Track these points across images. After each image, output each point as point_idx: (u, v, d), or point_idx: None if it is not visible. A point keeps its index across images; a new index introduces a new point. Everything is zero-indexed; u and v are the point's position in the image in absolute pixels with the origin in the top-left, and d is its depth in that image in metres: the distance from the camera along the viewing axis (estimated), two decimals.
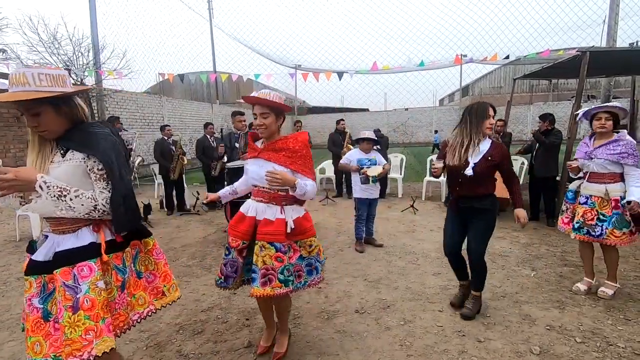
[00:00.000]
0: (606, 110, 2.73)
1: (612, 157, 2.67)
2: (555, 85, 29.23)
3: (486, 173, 2.40)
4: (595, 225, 2.76)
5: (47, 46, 8.70)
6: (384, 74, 12.02)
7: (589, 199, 2.82)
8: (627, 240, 2.70)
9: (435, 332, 2.44)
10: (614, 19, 7.34)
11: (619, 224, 2.68)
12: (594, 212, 2.78)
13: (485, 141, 2.45)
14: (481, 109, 2.43)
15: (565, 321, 2.52)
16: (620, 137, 2.71)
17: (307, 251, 2.04)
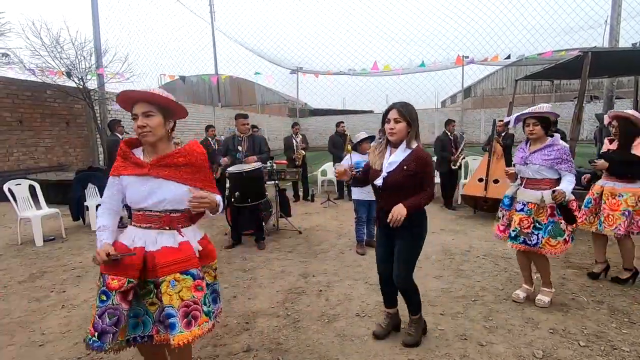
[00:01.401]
0: (533, 116, 2.63)
1: (546, 163, 2.59)
2: (558, 86, 29.14)
3: (401, 184, 2.09)
4: (531, 234, 2.64)
5: (50, 50, 8.75)
6: (385, 75, 12.01)
7: (525, 205, 2.69)
8: (561, 250, 2.61)
9: (436, 335, 2.41)
10: (616, 20, 7.31)
11: (555, 232, 2.59)
12: (530, 220, 2.66)
13: (402, 149, 2.14)
14: (384, 112, 2.17)
15: (568, 324, 2.49)
16: (554, 142, 2.62)
17: (211, 276, 1.78)
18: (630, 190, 3.02)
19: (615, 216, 3.01)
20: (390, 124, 2.12)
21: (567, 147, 2.62)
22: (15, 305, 3.04)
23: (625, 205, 2.99)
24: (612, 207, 3.04)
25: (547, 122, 2.63)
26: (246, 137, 4.60)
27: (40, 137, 9.12)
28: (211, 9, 17.74)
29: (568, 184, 2.54)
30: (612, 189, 3.09)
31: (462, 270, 3.53)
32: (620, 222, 2.98)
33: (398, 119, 2.09)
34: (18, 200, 4.91)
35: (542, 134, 2.64)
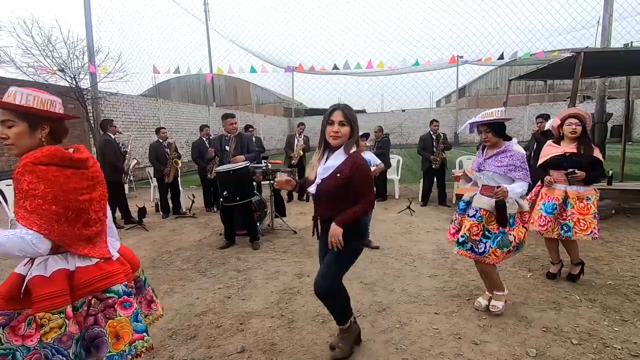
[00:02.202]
0: (483, 123, 2.54)
1: (499, 170, 2.48)
2: (551, 86, 29.41)
3: (334, 193, 1.96)
4: (479, 242, 2.54)
5: (42, 49, 8.64)
6: (380, 75, 12.03)
7: (478, 212, 2.57)
8: (502, 259, 2.55)
9: (431, 334, 2.42)
10: (608, 20, 7.38)
11: (503, 243, 2.49)
12: (480, 227, 2.55)
13: (339, 154, 1.98)
14: (327, 112, 1.98)
15: (561, 322, 2.51)
16: (507, 148, 2.50)
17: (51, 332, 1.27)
18: (592, 192, 3.02)
19: (587, 220, 2.96)
20: (334, 127, 1.94)
21: (523, 154, 2.49)
22: None
23: (594, 208, 2.98)
24: (582, 212, 2.98)
25: (499, 127, 2.53)
26: (234, 137, 4.59)
27: None
28: (205, 8, 17.65)
29: (517, 186, 2.41)
30: (577, 193, 3.02)
31: (456, 269, 3.54)
32: (595, 226, 2.96)
33: (343, 121, 1.93)
34: (9, 202, 4.85)
35: (495, 140, 2.54)
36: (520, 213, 2.55)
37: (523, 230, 2.56)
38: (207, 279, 3.49)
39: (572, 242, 3.10)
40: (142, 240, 4.88)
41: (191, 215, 6.28)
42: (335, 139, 1.95)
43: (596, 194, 3.05)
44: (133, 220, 5.66)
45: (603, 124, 7.10)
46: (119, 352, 1.35)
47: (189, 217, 6.20)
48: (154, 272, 3.70)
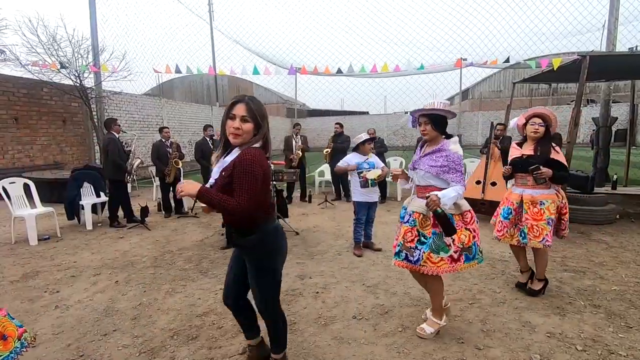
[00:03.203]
0: (425, 114, 2.28)
1: (432, 170, 2.25)
2: (555, 89, 29.30)
3: (224, 192, 1.63)
4: (414, 249, 2.28)
5: (47, 47, 8.69)
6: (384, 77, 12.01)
7: (411, 216, 2.34)
8: (448, 269, 2.23)
9: (433, 339, 2.39)
10: (613, 24, 7.34)
11: (436, 246, 2.22)
12: (415, 233, 2.30)
13: (235, 152, 1.69)
14: (226, 107, 1.71)
15: (565, 328, 2.48)
16: (443, 147, 2.26)
17: None
18: (548, 197, 2.83)
19: (540, 226, 2.79)
20: (235, 122, 1.64)
21: (459, 155, 2.26)
22: (8, 306, 2.99)
23: (548, 214, 2.79)
24: (535, 217, 2.82)
25: (441, 121, 2.28)
26: None
27: (36, 135, 9.05)
28: (210, 9, 17.70)
29: (451, 190, 2.17)
30: (531, 197, 2.86)
31: (459, 273, 3.52)
32: (547, 232, 2.78)
33: (246, 117, 1.65)
34: (12, 199, 4.86)
35: (434, 134, 2.29)
36: (460, 214, 2.29)
37: (467, 232, 2.27)
38: (209, 279, 3.48)
39: (540, 253, 2.92)
40: (144, 239, 4.88)
41: (193, 215, 6.29)
42: (236, 137, 1.65)
43: (557, 199, 2.85)
44: (135, 220, 5.67)
45: (607, 128, 7.06)
46: (12, 350, 1.42)
47: (191, 217, 6.20)
48: (155, 271, 3.70)
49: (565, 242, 4.38)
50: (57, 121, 9.62)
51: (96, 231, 5.40)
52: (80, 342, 2.43)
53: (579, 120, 5.07)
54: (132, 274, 3.65)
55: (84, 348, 2.36)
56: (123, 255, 4.20)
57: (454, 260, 2.23)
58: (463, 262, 2.25)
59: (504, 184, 5.46)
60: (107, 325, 2.64)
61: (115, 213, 5.67)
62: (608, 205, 5.37)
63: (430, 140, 2.33)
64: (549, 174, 2.75)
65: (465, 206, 2.31)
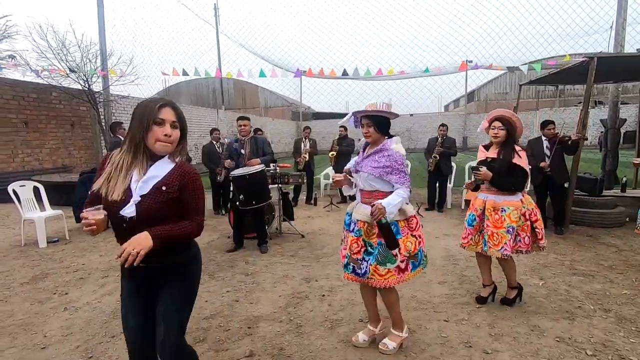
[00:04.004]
0: (366, 115, 2.20)
1: (375, 172, 2.12)
2: (562, 91, 29.07)
3: (163, 213, 1.43)
4: (361, 261, 2.16)
5: (56, 52, 8.82)
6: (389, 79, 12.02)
7: (356, 224, 2.21)
8: (397, 280, 2.12)
9: (440, 342, 2.38)
10: (621, 25, 7.28)
11: (382, 258, 2.10)
12: (361, 243, 2.17)
13: (163, 162, 1.48)
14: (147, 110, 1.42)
15: (575, 333, 2.45)
16: (384, 147, 2.17)
17: None
18: (511, 204, 2.67)
19: (499, 234, 2.65)
20: (165, 129, 1.43)
21: (402, 154, 2.18)
22: (18, 307, 3.03)
23: (508, 221, 2.65)
24: (496, 224, 2.68)
25: (384, 123, 2.21)
26: (248, 140, 4.60)
27: (45, 139, 9.18)
28: (216, 13, 17.86)
29: (395, 196, 2.06)
30: (493, 203, 2.73)
31: (466, 276, 3.50)
32: (506, 241, 2.63)
33: (176, 123, 1.47)
34: (22, 202, 4.93)
35: (377, 136, 2.20)
36: (406, 220, 2.18)
37: (413, 239, 2.17)
38: (216, 282, 3.49)
39: (506, 260, 2.77)
40: None
41: None
42: (166, 147, 1.45)
43: (521, 205, 2.69)
44: None
45: (616, 129, 6.98)
46: None
47: None
48: None
49: (573, 246, 4.33)
50: (66, 125, 9.75)
51: (104, 234, 5.42)
52: (88, 344, 2.45)
53: (586, 122, 5.02)
54: None
55: (93, 350, 2.39)
56: None
57: (401, 270, 2.13)
58: (410, 270, 2.16)
59: None
60: (115, 327, 2.66)
61: None
62: (617, 207, 5.30)
63: (373, 143, 2.24)
64: (487, 176, 2.64)
65: (411, 211, 2.21)
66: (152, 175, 1.45)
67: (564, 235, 4.78)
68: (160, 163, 1.48)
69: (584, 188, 5.45)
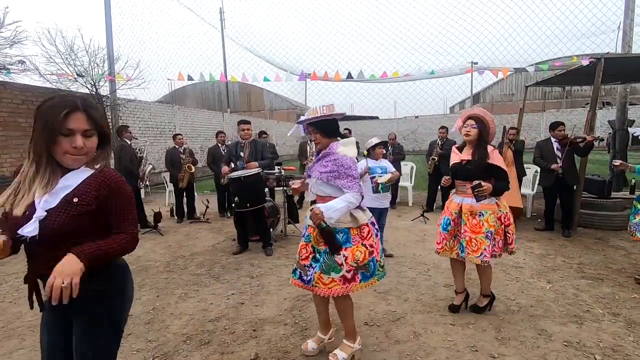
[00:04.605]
0: (310, 122, 2.15)
1: (323, 177, 2.08)
2: (569, 92, 28.82)
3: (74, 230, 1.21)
4: (308, 267, 2.11)
5: (64, 57, 8.95)
6: (393, 82, 12.00)
7: (306, 230, 2.19)
8: (341, 290, 2.02)
9: (446, 346, 2.37)
10: (629, 25, 7.21)
11: (326, 266, 2.02)
12: (309, 249, 2.13)
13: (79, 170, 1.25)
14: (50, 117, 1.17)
15: (583, 337, 2.42)
16: (331, 151, 2.10)
17: None
18: (489, 207, 2.56)
19: (478, 240, 2.55)
20: (76, 140, 1.19)
21: (349, 157, 2.10)
22: (27, 309, 3.07)
23: (487, 226, 2.54)
24: (474, 229, 2.57)
25: (330, 126, 2.14)
26: (248, 143, 4.62)
27: None
28: (221, 17, 18.01)
29: (339, 201, 1.99)
30: (470, 207, 2.60)
31: (472, 279, 3.47)
32: (485, 247, 2.53)
33: (90, 131, 1.23)
34: None
35: (326, 141, 2.15)
36: (357, 228, 2.09)
37: (363, 248, 2.06)
38: (221, 285, 3.51)
39: (482, 268, 2.69)
40: (157, 244, 4.95)
41: (205, 220, 6.35)
42: (78, 161, 1.23)
43: (497, 208, 2.60)
44: (149, 225, 5.76)
45: (624, 130, 6.90)
46: None
47: (203, 222, 6.26)
48: (168, 276, 3.74)
49: (581, 248, 4.28)
50: None
51: None
52: None
53: (594, 123, 4.97)
54: (146, 278, 3.70)
55: None
56: (137, 260, 4.26)
57: (347, 280, 2.03)
58: (359, 281, 2.06)
59: (517, 189, 5.38)
60: None
61: None
62: (626, 210, 5.23)
63: (322, 147, 2.18)
64: (489, 189, 2.47)
65: (363, 219, 2.11)
66: (62, 186, 1.22)
67: (571, 238, 4.73)
68: (74, 171, 1.25)
69: (592, 190, 5.39)
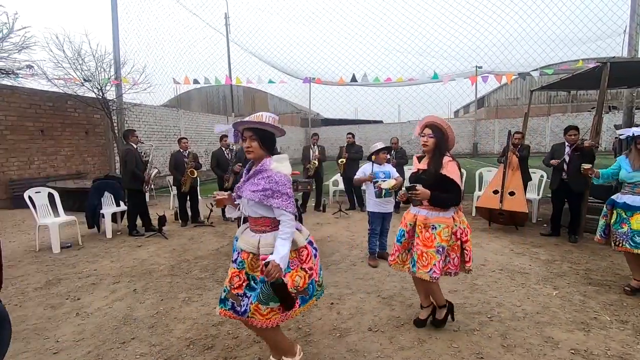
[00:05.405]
0: (249, 128, 1.93)
1: (254, 196, 1.83)
2: (574, 96, 28.64)
3: None
4: (242, 296, 1.90)
5: (72, 62, 9.07)
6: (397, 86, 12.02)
7: (239, 255, 1.96)
8: (281, 318, 1.87)
9: (451, 353, 2.34)
10: (634, 29, 7.18)
11: (265, 297, 1.81)
12: (243, 277, 1.92)
13: None
14: None
15: (590, 345, 2.39)
16: (264, 167, 1.88)
17: None
18: (443, 220, 2.41)
19: (429, 254, 2.40)
20: None
21: (284, 175, 1.88)
22: (31, 312, 3.09)
23: (439, 240, 2.39)
24: (426, 243, 2.43)
25: (270, 138, 1.95)
26: None
27: (60, 146, 9.40)
28: (226, 22, 18.17)
29: (284, 242, 1.78)
30: (424, 219, 2.46)
31: (477, 285, 3.45)
32: (435, 262, 2.38)
33: None
34: (37, 208, 5.04)
35: (261, 153, 1.92)
36: (296, 251, 1.91)
37: (302, 273, 1.90)
38: None
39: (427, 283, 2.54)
40: (161, 248, 4.97)
41: (209, 224, 6.37)
42: None
43: (453, 223, 2.43)
44: (153, 229, 5.78)
45: (631, 136, 6.83)
46: None
47: (206, 226, 6.28)
48: (172, 280, 3.75)
49: (588, 254, 4.24)
50: (80, 132, 9.97)
51: (116, 239, 5.53)
52: (100, 350, 2.48)
53: (600, 128, 4.93)
54: (150, 282, 3.71)
55: (104, 355, 2.41)
56: (141, 263, 4.28)
57: (283, 309, 1.86)
58: (299, 305, 1.90)
59: (523, 194, 5.35)
60: (125, 333, 2.68)
61: (134, 222, 5.80)
62: None
63: (256, 160, 1.96)
64: (424, 195, 2.33)
65: (302, 241, 1.94)
66: None
67: (578, 244, 4.68)
68: None
69: (599, 195, 5.34)
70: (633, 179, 3.15)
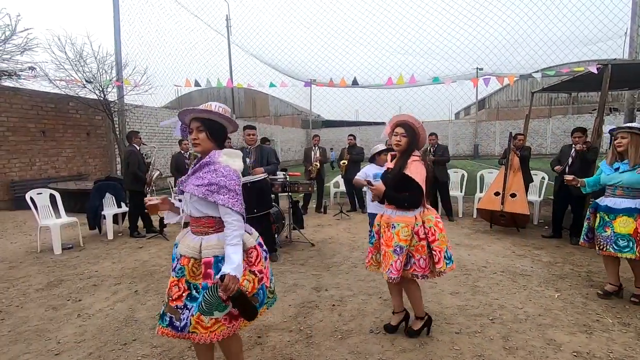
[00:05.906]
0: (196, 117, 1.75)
1: (198, 191, 1.64)
2: (575, 98, 28.65)
3: None
4: (182, 308, 1.68)
5: (74, 64, 9.10)
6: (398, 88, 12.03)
7: (178, 262, 1.74)
8: (227, 331, 1.67)
9: (453, 355, 2.34)
10: (636, 31, 7.18)
11: (209, 305, 1.59)
12: (183, 285, 1.70)
13: None
14: None
15: (593, 347, 2.38)
16: (211, 160, 1.69)
17: None
18: (403, 220, 2.33)
19: (388, 254, 2.33)
20: None
21: (233, 170, 1.69)
22: (33, 313, 3.09)
23: (396, 240, 2.30)
24: (387, 243, 2.37)
25: (219, 130, 1.77)
26: (254, 149, 4.64)
27: (62, 147, 9.42)
28: (227, 24, 18.23)
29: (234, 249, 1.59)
30: (387, 218, 2.41)
31: (478, 287, 3.44)
32: (392, 262, 2.29)
33: None
34: (39, 209, 5.05)
35: (209, 146, 1.74)
36: (245, 252, 1.73)
37: (251, 277, 1.73)
38: None
39: (409, 287, 2.51)
40: (162, 249, 4.97)
41: None
42: None
43: (414, 222, 2.32)
44: (154, 230, 5.78)
45: None
46: None
47: None
48: None
49: (590, 256, 4.22)
50: (82, 134, 10.00)
51: (117, 241, 5.53)
52: (101, 351, 2.48)
53: (601, 130, 4.93)
54: (151, 283, 3.71)
55: (105, 357, 2.41)
56: (142, 265, 4.28)
57: (233, 317, 1.68)
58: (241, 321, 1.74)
59: (524, 195, 5.34)
60: (127, 335, 2.68)
61: (136, 223, 5.81)
62: None
63: (202, 154, 1.77)
64: (379, 191, 2.33)
65: (251, 242, 1.78)
66: None
67: (579, 246, 4.66)
68: None
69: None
70: (612, 180, 3.14)
